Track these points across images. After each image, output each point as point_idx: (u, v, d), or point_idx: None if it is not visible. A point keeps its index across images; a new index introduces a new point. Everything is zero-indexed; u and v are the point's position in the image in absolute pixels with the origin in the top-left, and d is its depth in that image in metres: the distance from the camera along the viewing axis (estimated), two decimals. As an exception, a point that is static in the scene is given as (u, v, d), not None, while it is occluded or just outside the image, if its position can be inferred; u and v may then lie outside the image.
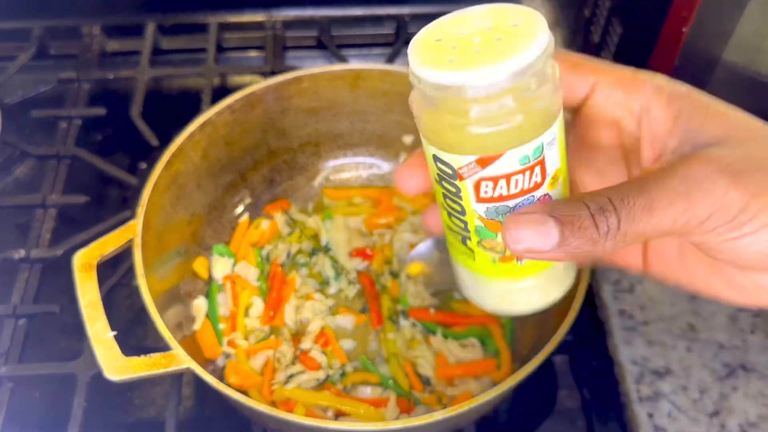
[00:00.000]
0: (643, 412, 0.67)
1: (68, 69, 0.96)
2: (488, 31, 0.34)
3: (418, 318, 0.73)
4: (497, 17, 0.34)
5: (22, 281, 0.76)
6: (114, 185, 0.87)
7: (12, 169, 0.90)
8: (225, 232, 0.79)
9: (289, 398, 0.67)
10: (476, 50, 0.33)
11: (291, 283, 0.75)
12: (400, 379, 0.69)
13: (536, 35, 0.32)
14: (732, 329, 0.73)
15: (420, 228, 0.80)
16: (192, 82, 1.00)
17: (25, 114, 0.92)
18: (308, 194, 0.84)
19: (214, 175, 0.76)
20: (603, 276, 0.77)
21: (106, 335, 0.58)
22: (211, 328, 0.71)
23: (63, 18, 1.02)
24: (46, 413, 0.70)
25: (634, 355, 0.71)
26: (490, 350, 0.72)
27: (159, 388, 0.72)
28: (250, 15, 1.05)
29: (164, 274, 0.68)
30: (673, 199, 0.30)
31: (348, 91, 0.77)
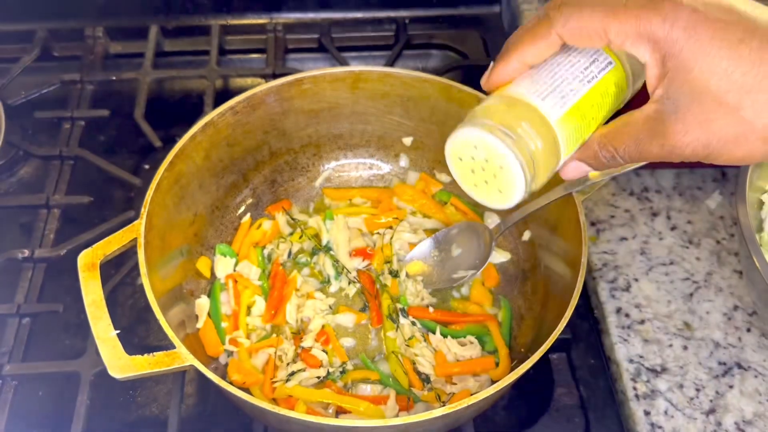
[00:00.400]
0: (639, 409, 0.68)
1: (72, 71, 0.97)
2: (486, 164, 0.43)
3: (418, 316, 0.74)
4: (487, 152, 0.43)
5: (26, 280, 0.77)
6: (117, 186, 0.87)
7: (16, 169, 0.91)
8: (227, 232, 0.80)
9: (291, 395, 0.67)
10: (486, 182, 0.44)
11: (292, 282, 0.76)
12: (400, 376, 0.70)
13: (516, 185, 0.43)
14: (728, 328, 0.73)
15: (420, 228, 0.81)
16: (194, 84, 1.01)
17: (28, 115, 0.92)
18: (309, 194, 0.85)
19: (216, 176, 0.76)
20: (600, 275, 0.77)
21: (110, 334, 0.59)
22: (214, 327, 0.72)
23: (66, 20, 1.03)
24: (49, 411, 0.71)
25: (630, 354, 0.71)
26: (488, 348, 0.72)
27: (162, 385, 0.72)
28: (252, 18, 1.06)
29: (167, 274, 0.68)
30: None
31: (348, 92, 0.78)
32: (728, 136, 0.40)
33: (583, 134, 0.44)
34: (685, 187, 0.84)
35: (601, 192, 0.84)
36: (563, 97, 0.43)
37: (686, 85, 0.40)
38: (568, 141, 0.43)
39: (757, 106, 0.39)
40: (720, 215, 0.82)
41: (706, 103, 0.40)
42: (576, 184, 0.65)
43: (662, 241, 0.80)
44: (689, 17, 0.39)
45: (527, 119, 0.42)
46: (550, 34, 0.43)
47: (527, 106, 0.42)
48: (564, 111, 0.42)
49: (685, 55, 0.39)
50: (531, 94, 0.43)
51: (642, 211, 0.82)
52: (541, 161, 0.42)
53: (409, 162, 0.85)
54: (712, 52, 0.39)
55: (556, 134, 0.42)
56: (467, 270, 0.76)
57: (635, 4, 0.40)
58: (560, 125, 0.42)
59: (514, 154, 0.41)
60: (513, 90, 0.43)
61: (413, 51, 1.04)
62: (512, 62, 0.44)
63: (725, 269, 0.78)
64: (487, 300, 0.76)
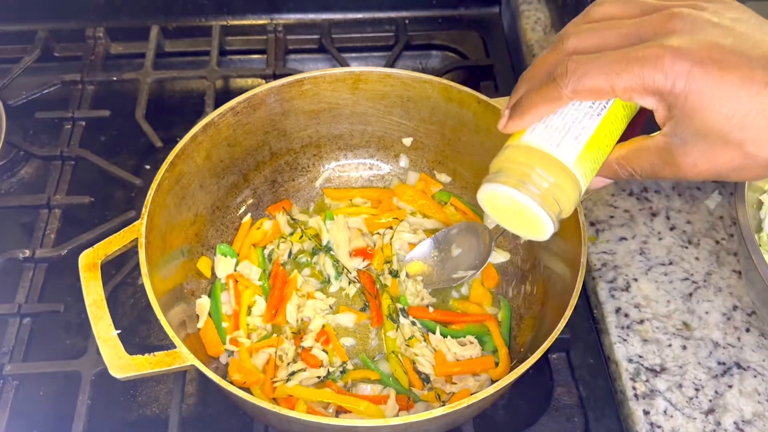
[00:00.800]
0: (639, 409, 0.68)
1: (72, 71, 0.97)
2: (516, 211, 0.48)
3: (418, 316, 0.74)
4: (513, 203, 0.48)
5: (27, 280, 0.77)
6: (118, 186, 0.88)
7: (17, 169, 0.91)
8: (228, 232, 0.80)
9: (291, 395, 0.67)
10: (520, 221, 0.49)
11: (292, 282, 0.76)
12: (400, 376, 0.70)
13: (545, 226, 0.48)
14: (727, 327, 0.73)
15: (420, 228, 0.81)
16: (195, 85, 1.01)
17: (29, 115, 0.93)
18: (309, 195, 0.85)
19: (216, 176, 0.77)
20: (599, 275, 0.77)
21: (111, 333, 0.59)
22: (214, 327, 0.72)
23: (67, 20, 1.03)
24: (50, 411, 0.71)
25: (629, 353, 0.71)
26: (488, 348, 0.73)
27: (163, 385, 0.72)
28: (253, 19, 1.06)
29: (168, 274, 0.69)
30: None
31: (348, 93, 0.78)
32: (734, 166, 0.44)
33: (601, 160, 0.48)
34: (685, 187, 0.85)
35: (601, 192, 0.84)
36: (576, 137, 0.46)
37: (692, 127, 0.43)
38: (587, 173, 0.47)
39: (758, 142, 0.42)
40: (719, 215, 0.82)
41: (712, 140, 0.43)
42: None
43: (661, 241, 0.80)
44: (690, 71, 0.41)
45: (544, 167, 0.46)
46: (561, 96, 0.45)
47: (543, 154, 0.46)
48: (579, 151, 0.46)
49: (689, 105, 0.42)
50: (546, 142, 0.47)
51: (641, 211, 0.82)
52: (563, 199, 0.47)
53: (409, 162, 0.85)
54: (714, 101, 0.42)
55: (573, 174, 0.46)
56: (467, 270, 0.76)
57: (637, 61, 0.43)
58: (577, 165, 0.46)
59: (536, 203, 0.46)
60: (529, 139, 0.47)
61: (413, 51, 1.04)
62: (527, 118, 0.48)
63: (724, 269, 0.78)
64: (487, 300, 0.76)
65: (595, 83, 0.44)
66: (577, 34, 0.47)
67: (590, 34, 0.46)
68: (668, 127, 0.45)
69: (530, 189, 0.46)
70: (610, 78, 0.43)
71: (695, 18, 0.43)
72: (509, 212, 0.49)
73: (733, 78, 0.41)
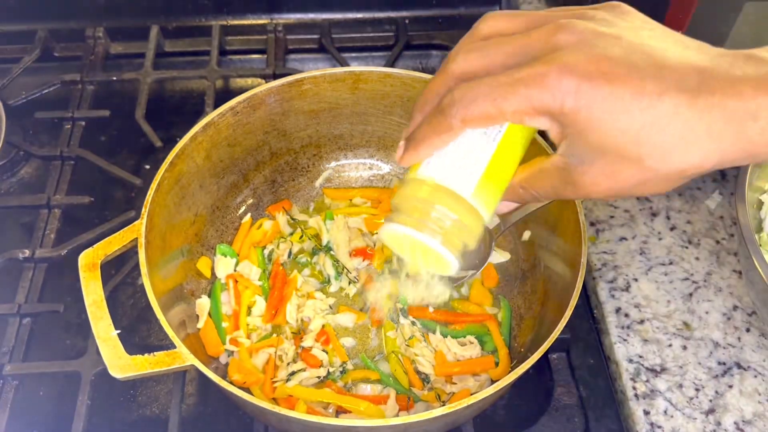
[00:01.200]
0: (639, 409, 0.68)
1: (72, 71, 0.97)
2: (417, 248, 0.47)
3: (418, 316, 0.74)
4: (412, 241, 0.46)
5: (27, 280, 0.77)
6: (118, 186, 0.88)
7: (16, 169, 0.91)
8: (228, 232, 0.80)
9: (291, 395, 0.67)
10: (424, 257, 0.48)
11: (292, 282, 0.76)
12: (400, 376, 0.70)
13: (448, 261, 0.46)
14: (727, 327, 0.73)
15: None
16: (195, 85, 1.01)
17: (29, 115, 0.93)
18: (309, 195, 0.85)
19: (216, 176, 0.77)
20: (599, 275, 0.77)
21: (111, 333, 0.59)
22: (214, 327, 0.72)
23: (67, 20, 1.03)
24: (50, 411, 0.71)
25: (629, 353, 0.71)
26: (488, 348, 0.73)
27: (162, 385, 0.72)
28: (253, 18, 1.06)
29: (168, 274, 0.69)
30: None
31: (348, 93, 0.78)
32: (636, 182, 0.42)
33: (503, 186, 0.46)
34: (685, 187, 0.85)
35: (601, 192, 0.84)
36: (473, 167, 0.44)
37: (587, 145, 0.41)
38: (488, 202, 0.45)
39: (656, 156, 0.40)
40: (719, 215, 0.82)
41: (609, 158, 0.41)
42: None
43: (662, 241, 0.80)
44: (578, 87, 0.39)
45: (443, 203, 0.44)
46: (451, 127, 0.43)
47: (441, 188, 0.44)
48: (476, 182, 0.44)
49: (580, 123, 0.40)
50: (442, 175, 0.44)
51: (641, 211, 0.82)
52: (465, 234, 0.45)
53: (409, 162, 0.85)
54: (605, 117, 0.39)
55: (472, 206, 0.45)
56: (467, 270, 0.76)
57: (522, 82, 0.40)
58: (476, 196, 0.44)
59: (437, 242, 0.45)
60: (425, 173, 0.45)
61: (413, 51, 1.04)
62: (421, 151, 0.45)
63: (725, 269, 0.78)
64: (487, 300, 0.76)
65: (483, 110, 0.42)
66: (464, 55, 0.44)
67: (476, 55, 0.43)
68: (563, 147, 0.43)
69: (430, 228, 0.45)
70: (497, 103, 0.41)
71: (582, 30, 0.41)
72: (413, 250, 0.47)
73: (623, 91, 0.39)
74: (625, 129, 0.39)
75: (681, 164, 0.40)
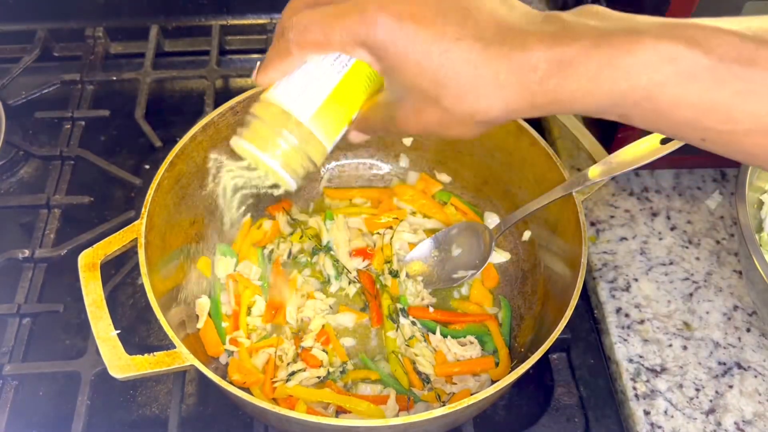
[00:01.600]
0: (639, 409, 0.68)
1: (72, 71, 0.97)
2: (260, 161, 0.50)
3: (418, 316, 0.74)
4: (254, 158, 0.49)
5: (27, 280, 0.77)
6: (118, 186, 0.88)
7: (16, 169, 0.91)
8: (228, 232, 0.80)
9: (291, 395, 0.67)
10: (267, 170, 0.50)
11: (292, 282, 0.76)
12: (400, 376, 0.70)
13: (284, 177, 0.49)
14: (727, 328, 0.73)
15: (420, 228, 0.81)
16: (195, 84, 1.01)
17: (29, 115, 0.93)
18: (309, 195, 0.85)
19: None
20: (599, 275, 0.77)
21: (110, 333, 0.59)
22: (214, 327, 0.72)
23: (67, 20, 1.03)
24: (50, 411, 0.71)
25: (630, 353, 0.71)
26: (488, 348, 0.72)
27: (162, 385, 0.72)
28: (252, 18, 1.06)
29: (168, 274, 0.69)
30: None
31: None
32: (437, 121, 0.45)
33: (345, 116, 0.50)
34: (685, 187, 0.85)
35: (601, 192, 0.84)
36: (314, 94, 0.48)
37: (399, 81, 0.45)
38: (328, 130, 0.49)
39: (451, 98, 0.43)
40: (720, 215, 0.82)
41: (415, 95, 0.45)
42: (576, 184, 0.65)
43: (662, 241, 0.80)
44: (389, 24, 0.42)
45: (283, 126, 0.48)
46: (290, 51, 0.47)
47: (282, 111, 0.48)
48: (315, 108, 0.48)
49: (391, 57, 0.43)
50: (285, 98, 0.48)
51: (642, 211, 0.82)
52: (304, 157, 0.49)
53: (409, 162, 0.85)
54: (409, 55, 0.43)
55: (310, 130, 0.48)
56: (467, 270, 0.76)
57: (347, 14, 0.44)
58: (314, 122, 0.48)
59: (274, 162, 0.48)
60: (273, 95, 0.49)
61: (413, 51, 1.04)
62: (270, 74, 0.49)
63: (725, 269, 0.78)
64: (487, 300, 0.76)
65: (315, 37, 0.45)
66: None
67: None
68: (385, 82, 0.46)
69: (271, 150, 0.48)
70: (325, 32, 0.44)
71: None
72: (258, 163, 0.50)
73: (426, 33, 0.42)
74: (425, 69, 0.43)
75: (470, 108, 0.43)
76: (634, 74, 0.40)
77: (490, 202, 0.82)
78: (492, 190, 0.81)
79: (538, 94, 0.41)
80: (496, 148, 0.77)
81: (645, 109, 0.41)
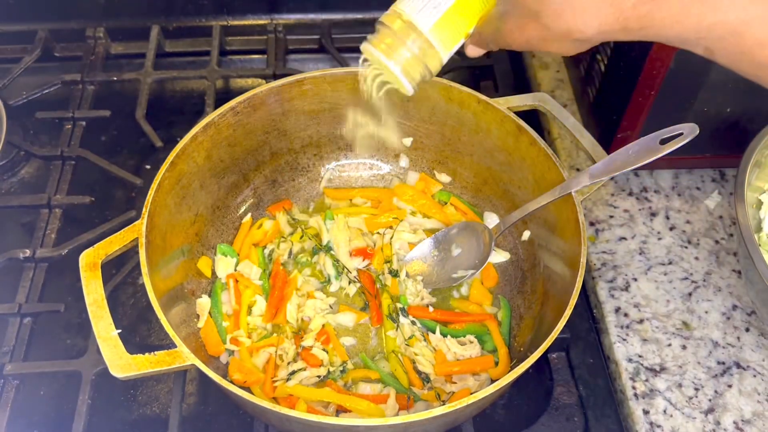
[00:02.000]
0: (638, 408, 0.68)
1: (73, 71, 0.97)
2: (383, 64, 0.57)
3: (417, 316, 0.74)
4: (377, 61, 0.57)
5: (28, 280, 0.77)
6: (118, 186, 0.88)
7: (17, 169, 0.91)
8: (228, 232, 0.80)
9: (291, 394, 0.67)
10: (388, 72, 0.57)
11: (293, 282, 0.76)
12: (400, 375, 0.70)
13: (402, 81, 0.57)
14: (726, 327, 0.74)
15: (420, 228, 0.82)
16: (195, 85, 1.01)
17: (30, 115, 0.93)
18: (310, 195, 0.85)
19: (217, 176, 0.77)
20: (599, 274, 0.78)
21: (111, 333, 0.59)
22: (215, 326, 0.72)
23: (68, 21, 1.03)
24: (51, 410, 0.71)
25: (629, 353, 0.72)
26: (487, 347, 0.73)
27: (163, 385, 0.72)
28: (253, 19, 1.06)
29: (168, 273, 0.69)
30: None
31: (348, 93, 0.78)
32: (537, 36, 0.50)
33: (462, 30, 0.55)
34: (684, 187, 0.85)
35: (600, 192, 0.84)
36: (435, 8, 0.53)
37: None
38: (444, 41, 0.55)
39: (551, 15, 0.48)
40: (719, 215, 0.82)
41: (520, 11, 0.50)
42: (575, 184, 0.65)
43: (661, 241, 0.80)
44: None
45: (406, 35, 0.54)
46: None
47: (408, 22, 0.54)
48: (436, 20, 0.53)
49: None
50: (410, 8, 0.54)
51: (641, 211, 0.83)
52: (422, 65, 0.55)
53: (409, 162, 0.85)
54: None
55: (429, 40, 0.54)
56: (467, 270, 0.76)
57: None
58: (433, 32, 0.54)
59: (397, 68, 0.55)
60: (399, 6, 0.54)
61: (413, 52, 1.04)
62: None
63: (724, 269, 0.78)
64: (487, 299, 0.77)
65: None
66: None
67: None
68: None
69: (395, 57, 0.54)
70: None
71: None
72: (381, 65, 0.56)
73: None
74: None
75: (567, 26, 0.48)
76: (721, 9, 0.43)
77: (489, 202, 0.82)
78: (491, 190, 0.81)
79: (631, 18, 0.45)
80: (495, 148, 0.77)
81: (729, 45, 0.45)
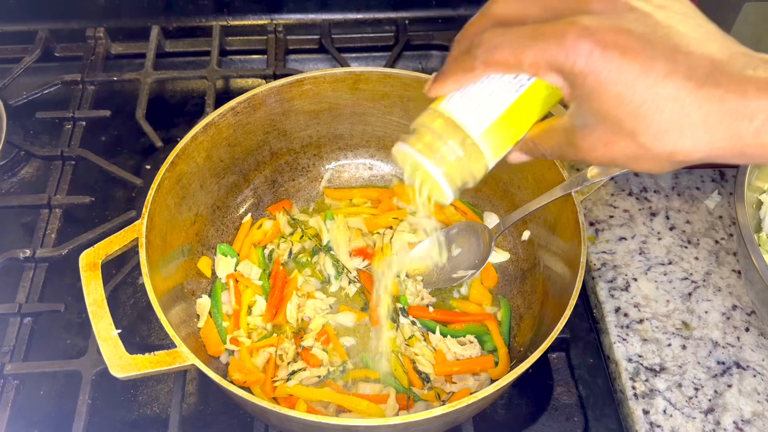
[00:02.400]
0: (638, 408, 0.68)
1: (73, 71, 0.97)
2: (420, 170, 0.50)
3: (417, 316, 0.74)
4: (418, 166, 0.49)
5: (28, 280, 0.77)
6: (118, 186, 0.88)
7: (17, 169, 0.91)
8: (228, 232, 0.80)
9: (291, 395, 0.68)
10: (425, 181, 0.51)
11: (293, 282, 0.76)
12: (400, 375, 0.70)
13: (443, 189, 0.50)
14: (726, 327, 0.74)
15: (419, 228, 0.82)
16: (195, 85, 1.01)
17: (30, 115, 0.93)
18: (310, 195, 0.85)
19: (217, 176, 0.77)
20: (598, 274, 0.78)
21: (111, 333, 0.59)
22: (215, 326, 0.72)
23: (68, 21, 1.03)
24: (51, 410, 0.71)
25: (629, 353, 0.72)
26: (487, 347, 0.73)
27: (163, 385, 0.72)
28: (253, 19, 1.06)
29: (168, 273, 0.69)
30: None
31: (348, 93, 0.78)
32: (628, 155, 0.44)
33: (515, 136, 0.49)
34: (684, 187, 0.85)
35: (600, 192, 0.84)
36: (488, 111, 0.47)
37: (592, 109, 0.43)
38: (495, 148, 0.48)
39: (651, 135, 0.42)
40: (719, 215, 0.82)
41: (609, 126, 0.43)
42: (575, 184, 0.65)
43: (661, 241, 0.80)
44: (591, 52, 0.41)
45: (451, 137, 0.47)
46: (474, 67, 0.46)
47: (453, 124, 0.47)
48: (487, 125, 0.47)
49: (588, 86, 0.42)
50: (458, 111, 0.48)
51: (641, 211, 0.83)
52: (467, 170, 0.49)
53: (409, 162, 0.85)
54: (610, 86, 0.41)
55: (479, 146, 0.48)
56: (467, 270, 0.76)
57: (543, 36, 0.42)
58: (483, 138, 0.47)
59: (438, 170, 0.48)
60: (446, 106, 0.48)
61: (413, 52, 1.04)
62: (447, 86, 0.48)
63: (724, 269, 0.78)
64: (487, 299, 0.77)
65: (503, 57, 0.44)
66: (504, 1, 0.47)
67: (515, 2, 0.46)
68: (572, 108, 0.45)
69: (436, 158, 0.48)
70: (517, 52, 0.43)
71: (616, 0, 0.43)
72: (417, 171, 0.50)
73: (632, 65, 0.40)
74: (626, 102, 0.41)
75: (671, 147, 0.42)
76: None
77: (489, 202, 0.82)
78: (491, 190, 0.81)
79: (752, 145, 0.40)
80: (495, 148, 0.77)
81: None
